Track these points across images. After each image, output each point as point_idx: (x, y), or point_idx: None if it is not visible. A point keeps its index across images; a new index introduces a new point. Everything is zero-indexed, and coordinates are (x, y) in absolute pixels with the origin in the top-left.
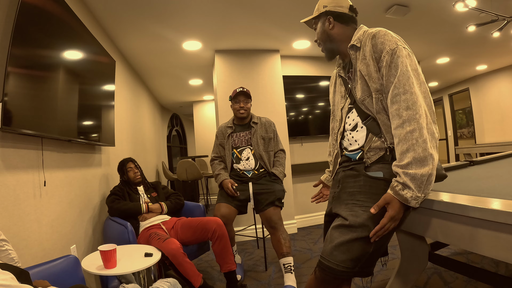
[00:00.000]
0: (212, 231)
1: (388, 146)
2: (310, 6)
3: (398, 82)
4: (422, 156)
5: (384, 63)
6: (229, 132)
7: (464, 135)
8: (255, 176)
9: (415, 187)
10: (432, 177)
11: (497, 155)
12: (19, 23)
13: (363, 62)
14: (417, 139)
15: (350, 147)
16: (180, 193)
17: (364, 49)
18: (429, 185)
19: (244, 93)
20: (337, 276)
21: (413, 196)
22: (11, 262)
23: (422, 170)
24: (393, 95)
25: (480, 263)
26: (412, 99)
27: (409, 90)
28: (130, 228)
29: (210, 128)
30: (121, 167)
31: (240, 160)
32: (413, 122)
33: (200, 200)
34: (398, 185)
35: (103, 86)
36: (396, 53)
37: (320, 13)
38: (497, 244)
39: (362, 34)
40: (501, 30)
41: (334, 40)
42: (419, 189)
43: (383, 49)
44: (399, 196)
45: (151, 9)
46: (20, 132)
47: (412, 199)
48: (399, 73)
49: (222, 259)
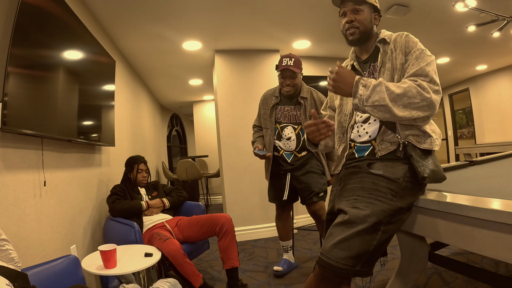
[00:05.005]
0: (220, 225)
1: (403, 142)
2: (310, 6)
3: (423, 68)
4: (394, 103)
5: (414, 56)
6: (274, 102)
7: (464, 135)
8: (295, 162)
9: (370, 94)
10: (380, 108)
11: (497, 155)
12: (19, 23)
13: (392, 56)
14: (409, 100)
15: (359, 139)
16: (181, 188)
17: (395, 44)
18: (375, 107)
19: (290, 71)
20: (336, 273)
21: (362, 95)
22: (11, 262)
23: (385, 101)
24: (414, 74)
25: (480, 263)
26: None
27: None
28: (137, 228)
29: (210, 128)
30: (132, 163)
31: (281, 137)
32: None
33: (200, 200)
34: (366, 81)
35: (103, 86)
36: (426, 52)
37: (370, 1)
38: (497, 244)
39: (390, 34)
40: (501, 30)
41: (371, 33)
42: (369, 98)
43: (414, 46)
44: (356, 85)
45: (151, 9)
46: (20, 132)
47: (359, 96)
48: (427, 63)
49: (226, 254)
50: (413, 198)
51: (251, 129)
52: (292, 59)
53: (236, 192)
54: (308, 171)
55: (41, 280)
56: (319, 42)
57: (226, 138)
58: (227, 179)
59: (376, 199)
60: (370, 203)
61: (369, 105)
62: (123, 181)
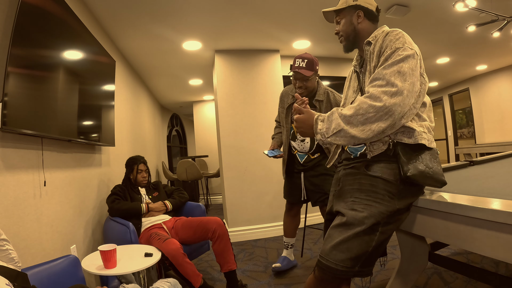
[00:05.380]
0: (212, 231)
1: (392, 141)
2: (310, 6)
3: (379, 72)
4: (350, 125)
5: (384, 57)
6: (290, 102)
7: (464, 135)
8: (307, 163)
9: (327, 125)
10: (340, 134)
11: (497, 155)
12: (19, 23)
13: (371, 58)
14: (364, 116)
15: None
16: (182, 189)
17: (375, 45)
18: (335, 134)
19: (301, 74)
20: (336, 275)
21: (322, 129)
22: (11, 262)
23: (340, 125)
24: (372, 78)
25: (480, 263)
26: (384, 91)
27: (388, 79)
28: (132, 228)
29: (210, 128)
30: (132, 164)
31: (295, 138)
32: (370, 109)
33: (200, 200)
34: (323, 116)
35: (103, 86)
36: (398, 51)
37: (348, 5)
38: (497, 244)
39: (380, 32)
40: (501, 30)
41: (359, 34)
42: (328, 130)
43: (388, 46)
44: (316, 122)
45: (151, 9)
46: (20, 132)
47: (320, 131)
48: (390, 62)
49: (222, 258)
50: (411, 199)
51: (251, 129)
52: (305, 60)
53: (236, 192)
54: (322, 173)
55: (41, 280)
56: (319, 42)
57: (226, 138)
58: (227, 179)
59: (373, 200)
60: (368, 205)
61: (331, 135)
62: (124, 181)
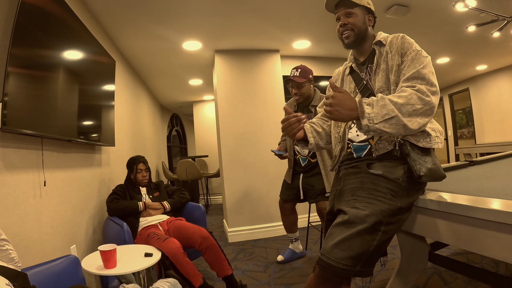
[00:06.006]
0: (198, 244)
1: (398, 141)
2: (310, 7)
3: (419, 71)
4: (402, 114)
5: (410, 57)
6: (292, 110)
7: (464, 135)
8: (309, 165)
9: (378, 110)
10: (391, 121)
11: (497, 155)
12: (19, 23)
13: (388, 57)
14: (413, 107)
15: (358, 138)
16: (184, 189)
17: (391, 45)
18: (386, 121)
19: (294, 81)
20: (336, 273)
21: (370, 113)
22: (11, 262)
23: (394, 112)
24: (411, 77)
25: (480, 263)
26: (428, 89)
27: (428, 79)
28: (126, 228)
29: (210, 128)
30: (131, 164)
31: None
32: (419, 102)
33: (200, 200)
34: (368, 100)
35: (103, 86)
36: (422, 53)
37: (364, 5)
38: (497, 244)
39: (386, 36)
40: (501, 30)
41: (366, 35)
42: (377, 115)
43: (410, 47)
44: (361, 105)
45: (151, 9)
46: (20, 132)
47: (368, 115)
48: (423, 65)
49: (215, 267)
50: (413, 198)
51: (251, 129)
52: (299, 69)
53: (236, 192)
54: (317, 172)
55: (41, 280)
56: (319, 42)
57: (226, 138)
58: (227, 179)
59: (375, 199)
60: (370, 203)
61: (380, 121)
62: (125, 181)
